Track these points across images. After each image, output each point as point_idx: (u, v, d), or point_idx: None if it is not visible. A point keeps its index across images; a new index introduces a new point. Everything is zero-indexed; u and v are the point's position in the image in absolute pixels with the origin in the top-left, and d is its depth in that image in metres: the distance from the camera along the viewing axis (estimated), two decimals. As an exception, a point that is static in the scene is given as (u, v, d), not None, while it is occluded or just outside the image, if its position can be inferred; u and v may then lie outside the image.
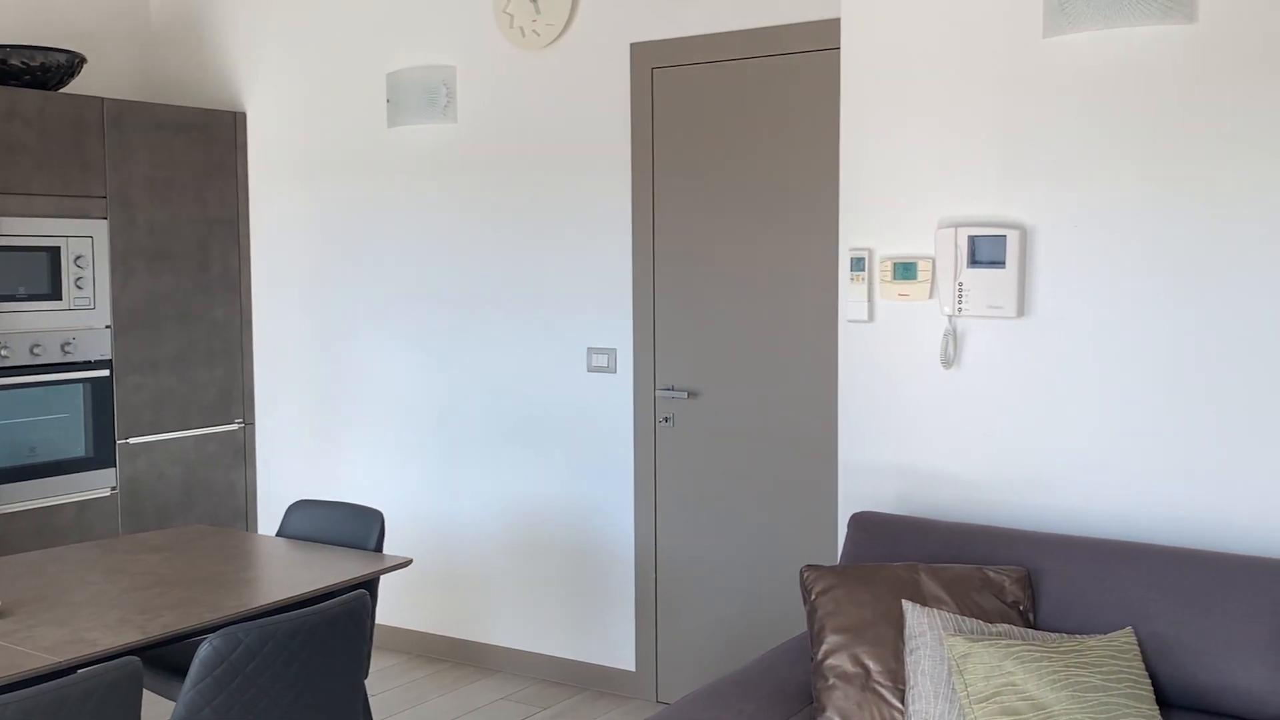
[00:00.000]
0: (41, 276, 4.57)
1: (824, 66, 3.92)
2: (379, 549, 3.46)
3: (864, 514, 3.22)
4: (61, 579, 3.11)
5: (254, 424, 5.32)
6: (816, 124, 3.95)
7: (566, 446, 4.52)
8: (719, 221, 4.16)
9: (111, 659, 2.53)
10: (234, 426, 5.24)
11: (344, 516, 3.55)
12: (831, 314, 3.97)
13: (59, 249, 4.61)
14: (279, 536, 3.63)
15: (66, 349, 4.65)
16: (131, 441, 4.88)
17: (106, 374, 4.78)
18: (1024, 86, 3.17)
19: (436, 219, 4.77)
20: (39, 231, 4.56)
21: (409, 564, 3.30)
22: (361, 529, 3.50)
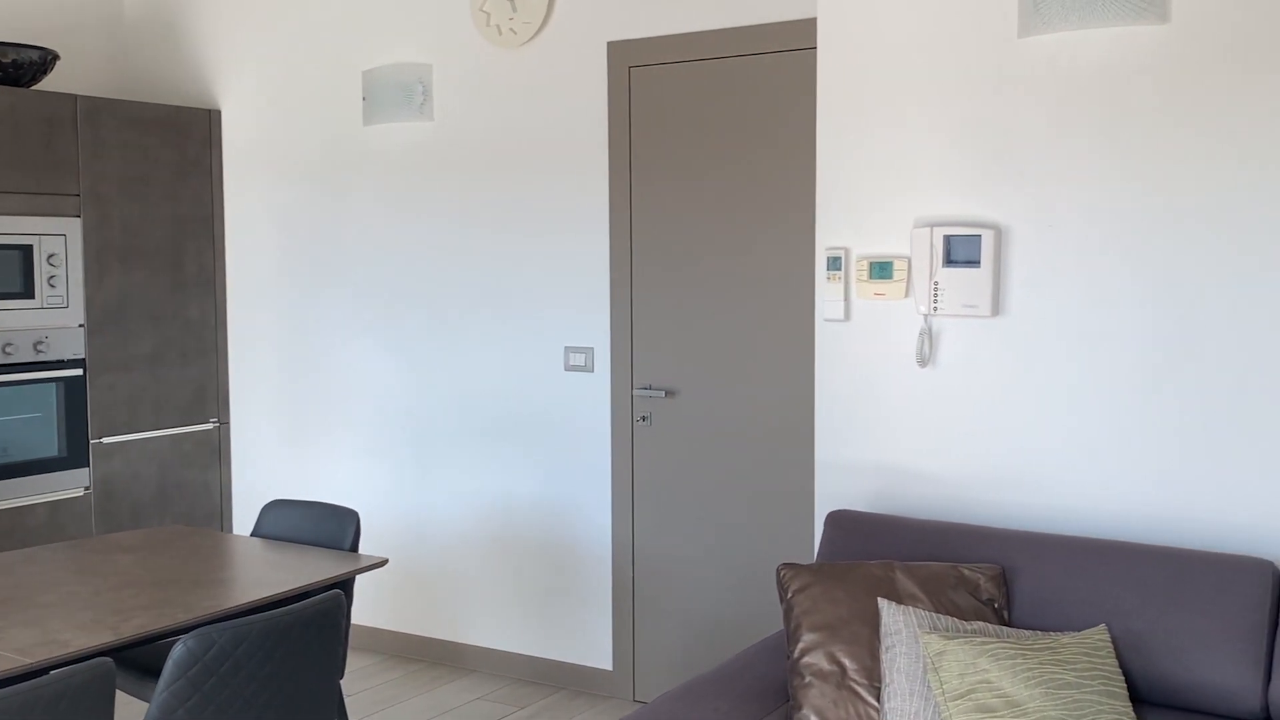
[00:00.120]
0: (14, 275, 4.53)
1: (801, 66, 3.93)
2: (354, 549, 3.44)
3: (840, 512, 3.23)
4: (33, 580, 3.09)
5: (229, 423, 5.29)
6: (793, 123, 3.96)
7: (544, 445, 4.51)
8: (696, 220, 4.16)
9: (84, 660, 2.51)
10: (209, 426, 5.21)
11: (319, 516, 3.54)
12: (808, 313, 3.98)
13: (31, 247, 4.57)
14: (254, 537, 3.61)
15: (39, 348, 4.61)
16: (105, 441, 4.84)
17: (80, 373, 4.75)
18: (999, 87, 3.18)
19: (413, 217, 4.75)
20: (11, 230, 4.52)
21: (385, 564, 3.29)
22: (337, 529, 3.49)
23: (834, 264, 3.43)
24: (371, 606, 4.98)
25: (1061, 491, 3.16)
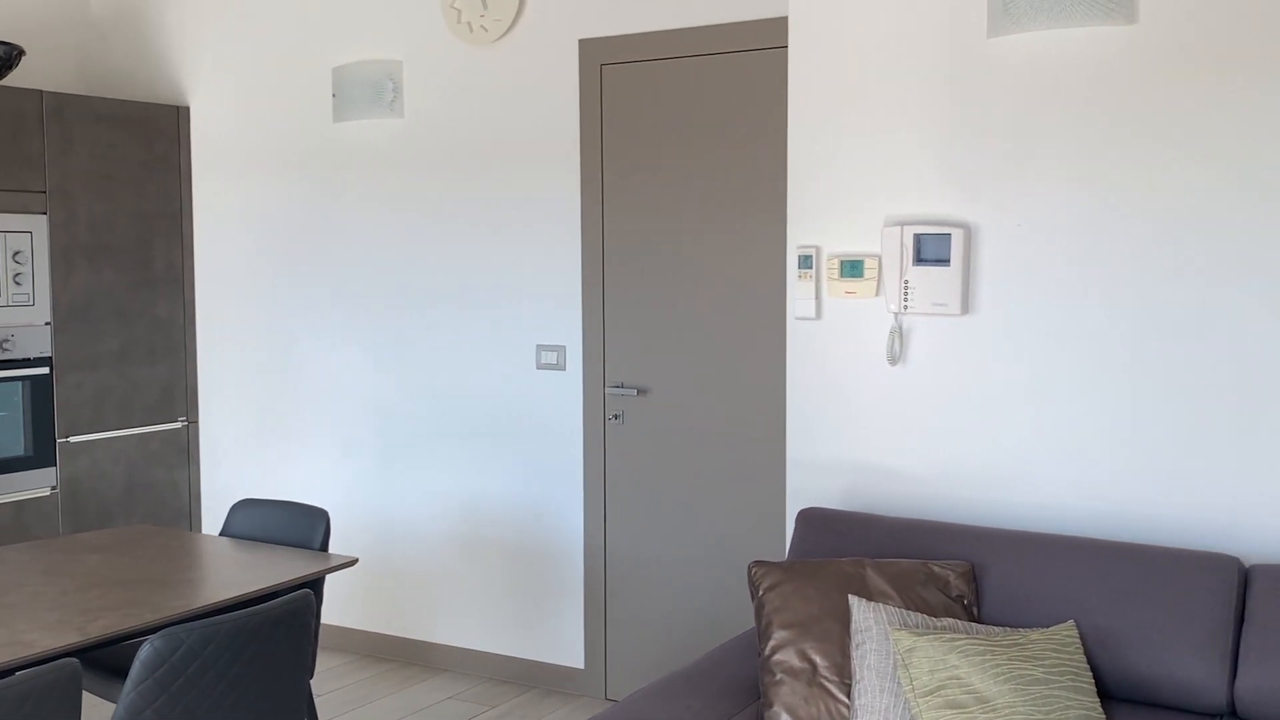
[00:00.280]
0: (-22, 272, 4.49)
1: (772, 65, 3.93)
2: (324, 548, 3.43)
3: (811, 510, 3.24)
4: (-2, 580, 3.06)
5: (197, 422, 5.25)
6: (765, 121, 3.97)
7: (515, 444, 4.50)
8: (668, 218, 4.16)
9: (50, 661, 2.49)
10: (177, 425, 5.17)
11: (289, 516, 3.52)
12: (780, 311, 3.98)
13: (-4, 244, 4.53)
14: (222, 536, 3.59)
15: (5, 346, 4.56)
16: (72, 440, 4.80)
17: (46, 371, 4.70)
18: (969, 86, 3.20)
19: (383, 215, 4.73)
20: (-25, 226, 4.48)
21: (355, 563, 3.28)
22: (306, 528, 3.47)
23: (805, 262, 3.44)
24: (342, 606, 4.95)
25: (1030, 489, 3.18)
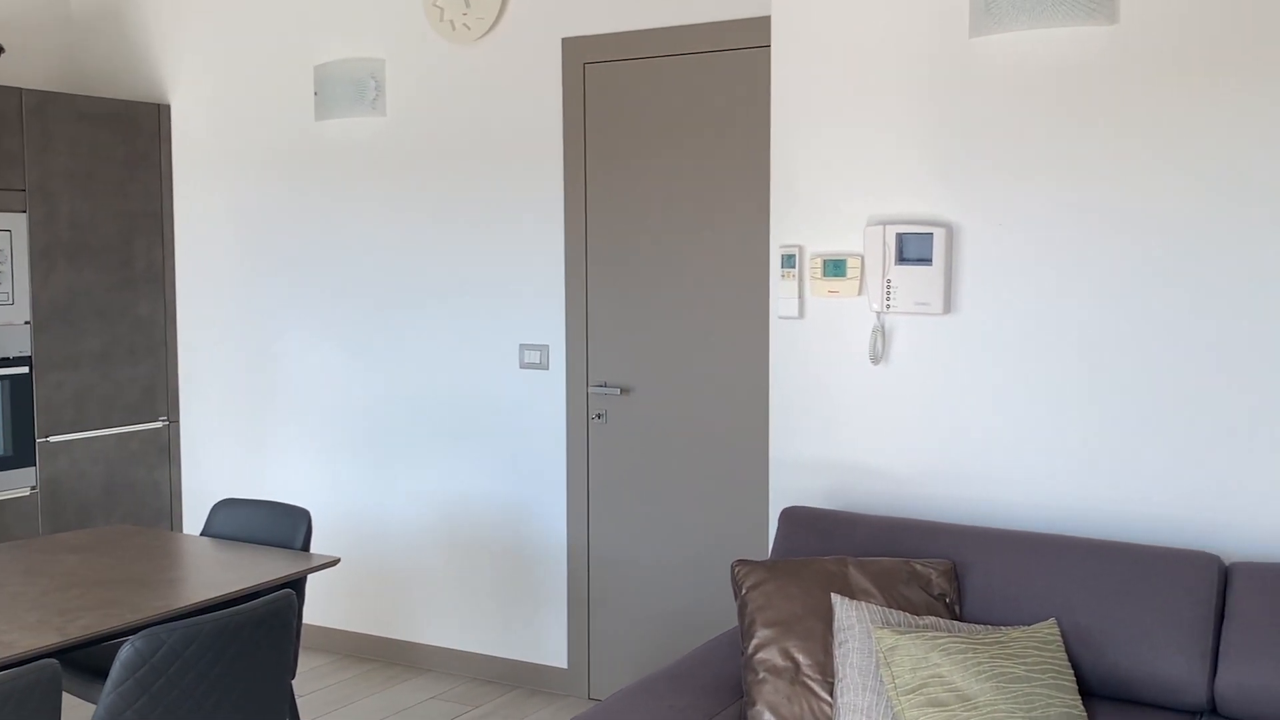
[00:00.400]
0: (-43, 271, 4.46)
1: (755, 64, 3.94)
2: (306, 548, 3.41)
3: (794, 508, 3.24)
4: (-23, 581, 3.04)
5: (178, 422, 5.22)
6: (748, 121, 3.97)
7: (498, 443, 4.50)
8: (651, 218, 4.16)
9: (29, 662, 2.47)
10: (158, 424, 5.15)
11: (270, 515, 3.50)
12: (763, 310, 3.99)
13: (-25, 243, 4.50)
14: (203, 536, 3.57)
15: (-17, 345, 4.54)
16: (52, 440, 4.77)
17: (26, 371, 4.67)
18: (951, 86, 3.21)
19: (366, 213, 4.72)
20: (-46, 225, 4.45)
21: (337, 563, 3.27)
22: (288, 528, 3.46)
23: (788, 262, 3.45)
24: (325, 606, 4.94)
25: (1012, 487, 3.20)
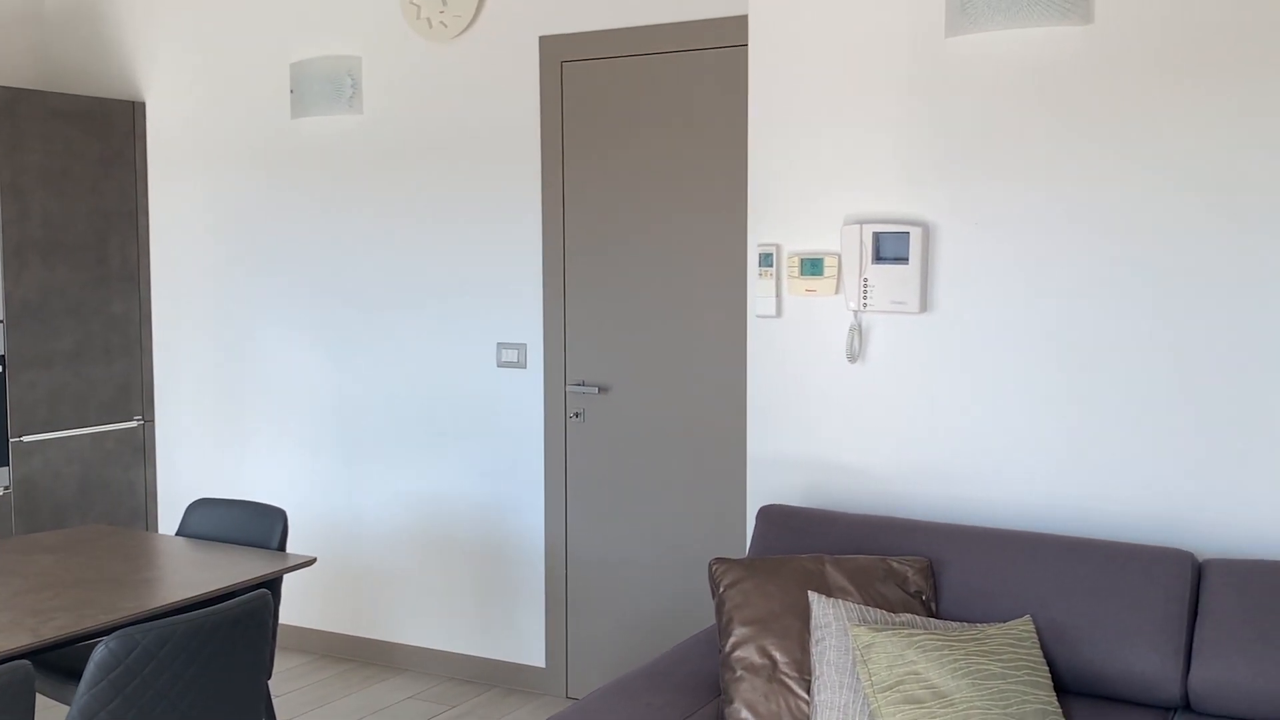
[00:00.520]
0: (-72, 269, 4.41)
1: (733, 63, 3.94)
2: (282, 548, 3.40)
3: (771, 506, 3.25)
4: (-51, 582, 3.01)
5: (154, 421, 5.19)
6: (725, 120, 3.97)
7: (476, 442, 4.49)
8: (629, 216, 4.16)
9: (2, 663, 2.45)
10: (133, 424, 5.12)
11: (246, 515, 3.49)
12: (741, 309, 3.99)
13: (-53, 241, 4.46)
14: (179, 536, 3.55)
15: (-45, 344, 4.50)
16: (25, 439, 4.74)
17: (-2, 370, 4.64)
18: (927, 85, 3.22)
19: (342, 211, 4.70)
20: (-75, 223, 4.41)
21: (313, 563, 3.26)
22: (264, 528, 3.44)
23: (765, 260, 3.45)
24: (301, 606, 4.92)
25: (988, 485, 3.21)
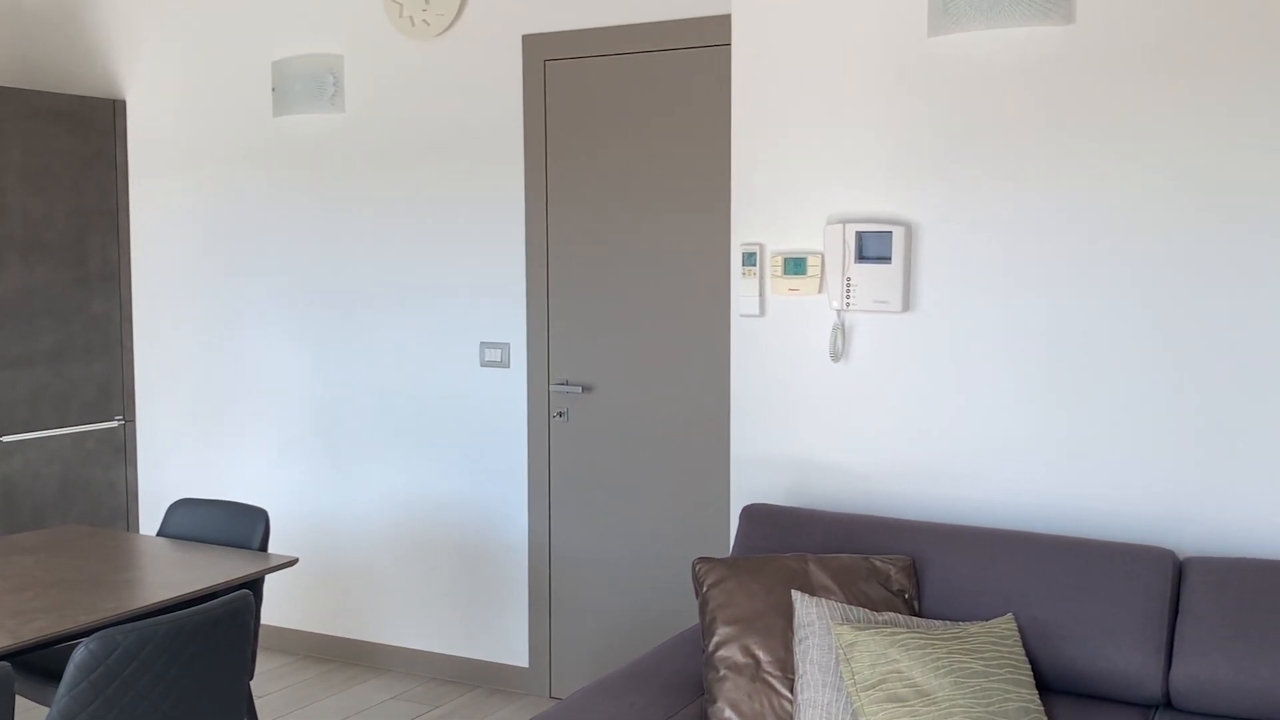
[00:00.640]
0: (-94, 268, 4.38)
1: (716, 62, 3.94)
2: (264, 548, 3.39)
3: (755, 506, 3.25)
4: (-73, 583, 2.99)
5: (135, 421, 5.17)
6: (709, 119, 3.97)
7: (459, 442, 4.48)
8: (612, 216, 4.16)
9: (-20, 665, 2.44)
10: (114, 424, 5.09)
11: (227, 515, 3.47)
12: (724, 308, 3.99)
13: (-75, 240, 4.43)
14: (160, 536, 3.54)
15: (-66, 344, 4.46)
16: (5, 439, 4.71)
17: (-23, 370, 4.61)
18: (910, 85, 3.22)
19: (325, 210, 4.68)
20: (-97, 221, 4.37)
21: (295, 563, 3.24)
22: (246, 528, 3.43)
23: (749, 260, 3.45)
24: (284, 606, 4.90)
25: (970, 483, 3.22)
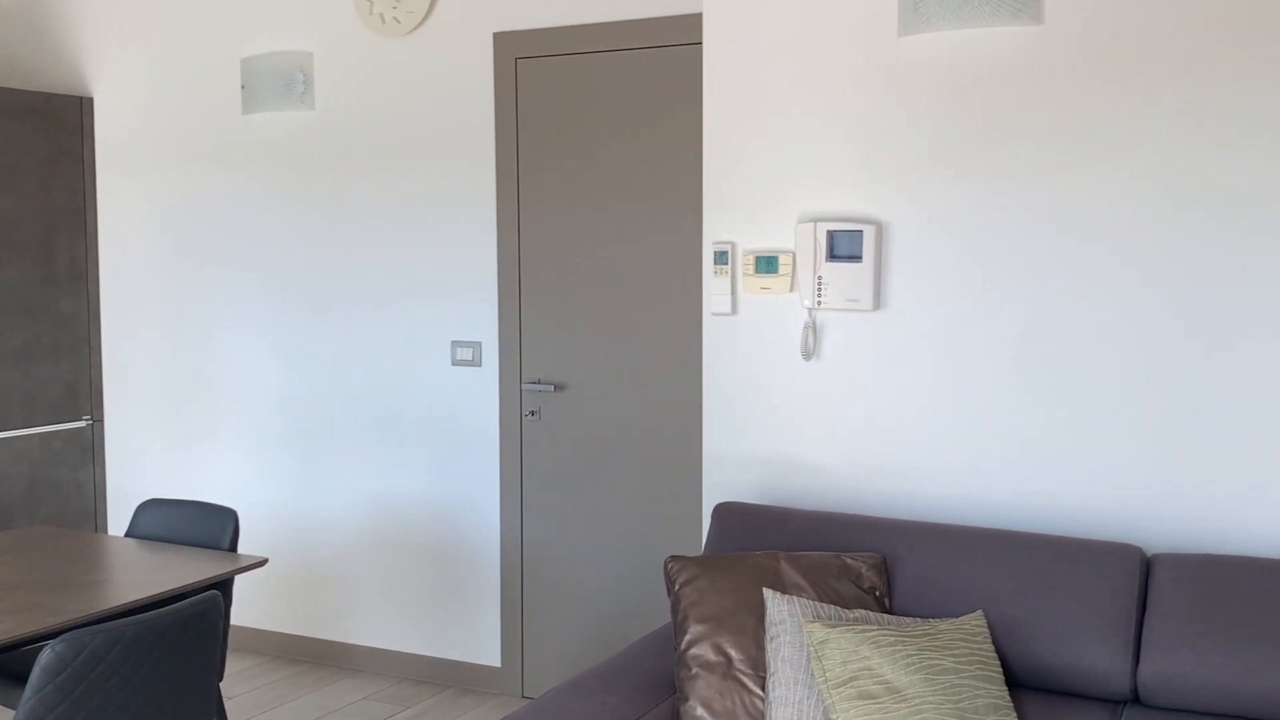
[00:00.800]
0: None
1: (688, 61, 3.94)
2: (233, 549, 3.37)
3: (727, 504, 3.25)
4: (-110, 585, 2.96)
5: (103, 421, 5.12)
6: (681, 118, 3.97)
7: (431, 441, 4.46)
8: (584, 214, 4.15)
9: (-56, 668, 2.42)
10: (81, 424, 5.04)
11: (196, 516, 3.45)
12: (696, 307, 4.00)
13: (-111, 238, 4.38)
14: (128, 537, 3.51)
15: (-102, 343, 4.41)
16: (-30, 440, 4.66)
17: (-58, 370, 4.56)
18: (880, 85, 3.23)
19: (294, 209, 4.66)
20: None
21: (265, 563, 3.23)
22: (215, 528, 3.41)
23: (721, 258, 3.46)
24: (254, 607, 4.87)
25: (941, 481, 3.23)
